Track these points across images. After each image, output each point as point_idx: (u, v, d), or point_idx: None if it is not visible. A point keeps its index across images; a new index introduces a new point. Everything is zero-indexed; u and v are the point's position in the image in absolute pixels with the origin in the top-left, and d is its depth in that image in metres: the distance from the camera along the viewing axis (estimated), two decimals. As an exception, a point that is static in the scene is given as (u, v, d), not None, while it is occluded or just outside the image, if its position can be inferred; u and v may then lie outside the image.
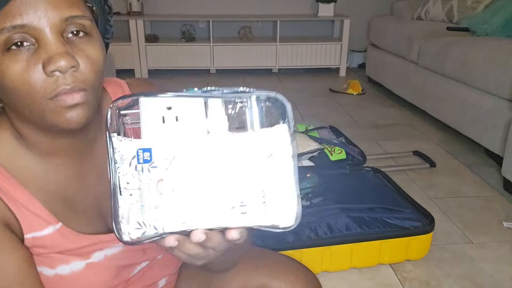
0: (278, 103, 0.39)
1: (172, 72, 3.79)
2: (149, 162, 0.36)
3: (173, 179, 0.36)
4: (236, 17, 3.75)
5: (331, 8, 3.77)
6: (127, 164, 0.37)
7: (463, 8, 2.80)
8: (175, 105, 0.37)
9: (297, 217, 0.38)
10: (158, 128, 0.37)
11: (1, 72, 0.46)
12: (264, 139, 0.37)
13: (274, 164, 0.37)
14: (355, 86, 3.24)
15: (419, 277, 1.28)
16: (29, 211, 0.54)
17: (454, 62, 2.21)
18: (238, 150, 0.37)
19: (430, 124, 2.56)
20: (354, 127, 2.52)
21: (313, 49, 3.75)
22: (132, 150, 0.37)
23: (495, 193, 1.76)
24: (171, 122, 0.37)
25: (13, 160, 0.54)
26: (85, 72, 0.48)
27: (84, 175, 0.59)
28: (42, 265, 0.56)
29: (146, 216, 0.37)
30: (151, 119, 0.37)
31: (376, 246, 1.27)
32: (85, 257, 0.58)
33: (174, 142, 0.36)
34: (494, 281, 1.26)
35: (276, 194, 0.37)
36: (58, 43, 0.46)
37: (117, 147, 0.38)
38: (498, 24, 2.28)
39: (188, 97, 0.37)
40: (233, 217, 0.37)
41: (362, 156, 1.85)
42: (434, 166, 1.99)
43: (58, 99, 0.47)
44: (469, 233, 1.48)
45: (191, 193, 0.36)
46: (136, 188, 0.37)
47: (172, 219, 0.37)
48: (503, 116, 1.85)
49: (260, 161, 0.37)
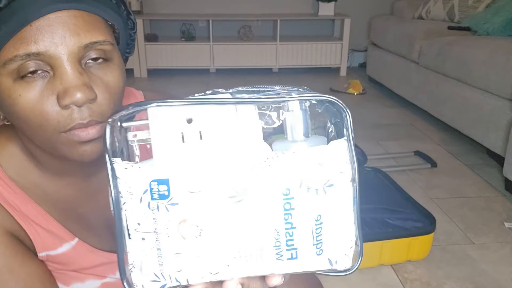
0: (332, 110, 0.30)
1: (172, 72, 3.79)
2: (167, 198, 0.28)
3: (200, 218, 0.28)
4: (236, 16, 3.74)
5: (332, 7, 3.76)
6: (137, 200, 0.28)
7: (464, 8, 2.79)
8: (198, 117, 0.27)
9: (358, 256, 0.30)
10: (176, 150, 0.27)
11: (12, 100, 0.42)
12: (316, 159, 0.28)
13: (329, 193, 0.29)
14: (356, 85, 3.24)
15: (420, 277, 1.27)
16: (42, 228, 0.51)
17: (455, 61, 2.21)
18: (281, 177, 0.28)
19: (431, 124, 2.55)
20: (355, 127, 2.48)
21: (313, 48, 3.74)
22: (143, 182, 0.28)
23: (497, 193, 1.75)
24: (193, 141, 0.27)
25: (24, 175, 0.52)
26: (103, 104, 0.44)
27: (94, 194, 0.57)
28: (57, 281, 0.54)
29: (165, 266, 0.28)
30: (167, 137, 0.27)
31: (377, 246, 1.26)
32: (101, 276, 0.56)
33: (199, 169, 0.27)
34: (495, 282, 1.25)
35: (332, 231, 0.29)
36: (75, 73, 0.42)
37: (122, 177, 0.28)
38: (500, 23, 2.27)
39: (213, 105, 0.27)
40: (278, 264, 0.29)
41: (363, 156, 1.84)
42: (435, 166, 1.98)
43: (72, 134, 0.44)
44: (470, 234, 1.48)
45: (222, 236, 0.28)
46: (150, 230, 0.28)
47: (199, 269, 0.28)
48: (505, 116, 1.84)
49: (311, 189, 0.28)
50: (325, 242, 0.29)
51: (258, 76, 3.75)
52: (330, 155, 0.29)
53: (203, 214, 0.28)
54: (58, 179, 0.53)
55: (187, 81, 3.56)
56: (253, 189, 0.28)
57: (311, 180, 0.28)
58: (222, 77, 3.74)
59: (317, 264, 0.30)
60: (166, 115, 0.28)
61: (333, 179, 0.29)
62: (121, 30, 0.49)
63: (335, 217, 0.29)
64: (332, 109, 0.30)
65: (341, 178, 0.29)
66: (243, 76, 3.75)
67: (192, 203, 0.28)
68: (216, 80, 3.63)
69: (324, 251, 0.29)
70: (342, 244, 0.30)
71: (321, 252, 0.29)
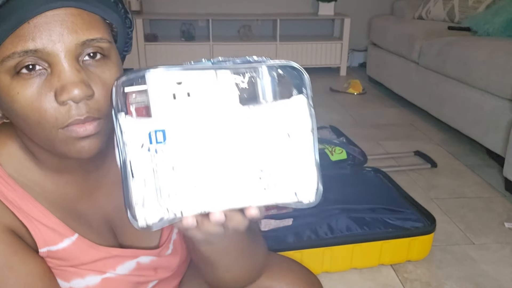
0: (293, 73, 0.37)
1: (172, 71, 3.78)
2: (163, 143, 0.34)
3: (190, 159, 0.34)
4: (236, 16, 3.74)
5: (332, 7, 3.75)
6: (139, 146, 0.35)
7: (464, 8, 2.79)
8: (186, 80, 0.35)
9: (319, 191, 0.36)
10: (170, 106, 0.34)
11: (11, 98, 0.43)
12: (281, 112, 0.35)
13: (292, 138, 0.36)
14: (356, 85, 3.23)
15: (420, 278, 1.27)
16: (43, 225, 0.52)
17: (455, 62, 2.21)
18: (255, 125, 0.35)
19: (431, 124, 2.55)
20: (354, 127, 2.51)
21: (313, 48, 3.74)
22: (143, 131, 0.34)
23: (497, 193, 1.75)
24: (182, 98, 0.34)
25: (23, 173, 0.52)
26: (100, 100, 0.45)
27: (93, 191, 0.58)
28: (57, 277, 0.54)
29: (163, 200, 0.35)
30: (161, 96, 0.34)
31: (377, 246, 1.26)
32: (100, 272, 0.56)
33: (187, 120, 0.34)
34: (495, 282, 1.25)
35: (296, 168, 0.36)
36: (72, 70, 0.42)
37: (126, 128, 0.35)
38: (500, 24, 2.27)
39: (198, 70, 0.35)
40: (254, 196, 0.36)
41: (363, 156, 1.84)
42: (436, 166, 1.98)
43: (70, 130, 0.44)
44: (470, 234, 1.48)
45: (209, 174, 0.35)
46: (150, 171, 0.35)
47: (191, 202, 0.35)
48: (505, 117, 1.84)
49: (278, 135, 0.35)
50: (292, 178, 0.36)
51: (258, 76, 3.75)
52: (292, 107, 0.36)
53: (193, 154, 0.34)
54: (57, 177, 0.54)
55: (187, 81, 3.56)
56: (233, 132, 0.35)
57: (277, 128, 0.35)
58: (222, 76, 3.73)
59: (286, 197, 0.36)
60: (160, 79, 0.35)
61: (295, 127, 0.35)
62: (119, 29, 0.50)
63: (299, 158, 0.36)
64: (294, 74, 0.37)
65: (302, 127, 0.36)
66: (243, 76, 3.74)
67: (183, 145, 0.34)
68: (216, 80, 3.62)
69: (291, 185, 0.36)
70: (305, 180, 0.36)
71: (288, 186, 0.36)
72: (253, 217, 0.38)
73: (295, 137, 0.36)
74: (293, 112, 0.36)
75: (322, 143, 1.83)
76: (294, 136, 0.36)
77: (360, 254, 1.26)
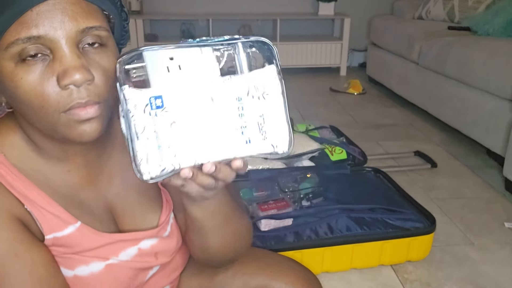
0: (264, 48, 0.45)
1: (172, 71, 3.79)
2: (161, 108, 0.41)
3: (184, 120, 0.41)
4: (236, 16, 3.74)
5: (332, 7, 3.76)
6: (141, 111, 0.41)
7: (464, 8, 2.79)
8: (177, 56, 0.42)
9: (291, 143, 0.44)
10: (165, 77, 0.41)
11: (14, 83, 0.45)
12: (257, 78, 0.43)
13: (267, 100, 0.43)
14: (356, 85, 3.24)
15: (420, 278, 1.27)
16: (48, 212, 0.53)
17: (455, 62, 2.21)
18: (235, 91, 0.42)
19: (431, 125, 2.55)
20: (354, 127, 2.51)
21: (313, 48, 3.74)
22: (144, 99, 0.41)
23: (497, 194, 1.75)
24: (175, 71, 0.42)
25: (27, 163, 0.53)
26: (100, 85, 0.47)
27: (94, 180, 0.59)
28: (61, 266, 0.55)
29: (163, 155, 0.41)
30: (158, 69, 0.41)
31: (377, 246, 1.26)
32: (104, 258, 0.58)
33: (180, 87, 0.41)
34: (495, 283, 1.25)
35: (271, 124, 0.44)
36: (73, 56, 0.45)
37: (130, 97, 0.41)
38: (500, 24, 2.27)
39: (186, 48, 0.42)
40: (238, 148, 0.43)
41: (363, 156, 1.84)
42: (435, 166, 1.98)
43: (71, 113, 0.46)
44: (470, 234, 1.48)
45: (200, 131, 0.42)
46: (151, 131, 0.41)
47: (186, 155, 0.42)
48: (505, 117, 1.84)
49: (255, 97, 0.43)
50: (268, 132, 0.43)
51: (258, 76, 3.75)
52: (265, 75, 0.43)
53: (186, 116, 0.41)
54: (59, 166, 0.55)
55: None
56: (218, 96, 0.42)
57: (254, 91, 0.43)
58: (222, 76, 3.73)
59: (264, 148, 0.44)
60: (156, 55, 0.41)
61: (268, 90, 0.43)
62: (116, 21, 0.53)
63: (273, 115, 0.44)
64: (265, 48, 0.45)
65: (274, 90, 0.44)
66: (243, 76, 3.75)
67: (178, 109, 0.41)
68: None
69: (267, 138, 0.43)
70: (279, 134, 0.44)
71: (266, 139, 0.43)
72: (238, 168, 0.44)
73: (269, 99, 0.43)
74: (266, 79, 0.43)
75: (322, 143, 1.83)
76: (268, 98, 0.43)
77: (360, 254, 1.26)
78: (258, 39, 0.45)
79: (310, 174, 1.51)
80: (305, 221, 1.29)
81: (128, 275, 0.61)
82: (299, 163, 1.73)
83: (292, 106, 2.89)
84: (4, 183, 0.51)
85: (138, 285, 0.64)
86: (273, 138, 0.44)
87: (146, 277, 0.65)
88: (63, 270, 0.55)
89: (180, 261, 0.72)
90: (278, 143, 0.44)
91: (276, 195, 1.38)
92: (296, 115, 2.70)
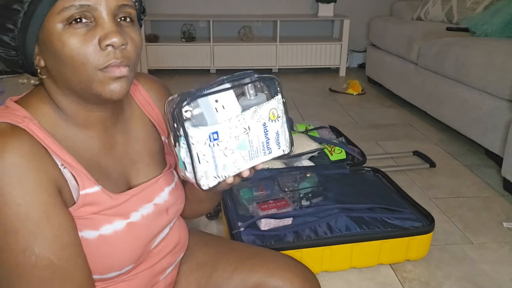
0: (271, 80, 0.60)
1: (172, 72, 3.79)
2: (217, 140, 0.55)
3: (232, 145, 0.57)
4: (236, 17, 3.75)
5: (331, 8, 3.77)
6: (202, 144, 0.55)
7: (462, 9, 2.81)
8: (219, 98, 0.55)
9: (292, 144, 0.63)
10: (216, 116, 0.55)
11: (62, 42, 0.53)
12: (271, 106, 0.59)
13: (279, 121, 0.60)
14: (355, 86, 3.25)
15: (419, 277, 1.28)
16: (79, 171, 0.60)
17: (454, 62, 2.22)
18: (261, 119, 0.59)
19: (430, 125, 2.56)
20: (354, 127, 2.52)
21: (313, 49, 3.75)
22: (205, 135, 0.55)
23: (495, 193, 1.76)
24: (221, 110, 0.55)
25: (57, 129, 0.60)
26: (130, 51, 0.57)
27: (112, 146, 0.66)
28: (85, 229, 0.60)
29: (219, 172, 0.57)
30: (211, 111, 0.55)
31: (376, 246, 1.27)
32: (125, 216, 0.64)
33: (228, 122, 0.56)
34: (494, 282, 1.26)
35: (282, 136, 0.61)
36: (113, 24, 0.55)
37: (193, 135, 0.54)
38: (498, 25, 2.29)
39: (225, 91, 0.56)
40: (263, 157, 0.61)
41: (362, 156, 1.85)
42: (434, 166, 1.99)
43: (108, 70, 0.55)
44: (469, 234, 1.49)
45: (242, 151, 0.58)
46: (210, 157, 0.56)
47: (233, 169, 0.58)
48: (503, 117, 1.85)
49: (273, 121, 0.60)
50: (280, 142, 0.62)
51: (258, 77, 3.75)
52: (276, 102, 0.60)
53: (234, 143, 0.57)
54: (84, 132, 0.62)
55: (188, 81, 3.57)
56: (252, 126, 0.58)
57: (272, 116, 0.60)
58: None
59: (277, 153, 0.62)
60: (207, 101, 0.55)
61: (279, 113, 0.60)
62: (138, 10, 0.62)
63: (282, 130, 0.61)
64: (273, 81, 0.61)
65: (282, 112, 0.61)
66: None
67: (228, 138, 0.56)
68: (216, 81, 3.63)
69: (280, 146, 0.62)
70: (285, 142, 0.62)
71: (280, 147, 0.62)
72: (258, 169, 0.62)
73: (279, 120, 0.61)
74: (277, 105, 0.60)
75: (321, 143, 1.84)
76: (279, 119, 0.60)
77: (359, 253, 1.27)
78: (267, 76, 0.60)
79: (309, 174, 1.51)
80: (304, 220, 1.30)
81: (146, 235, 0.67)
82: (299, 163, 1.73)
83: (292, 107, 2.90)
84: (42, 144, 0.56)
85: (150, 251, 0.70)
86: (283, 145, 0.62)
87: (158, 239, 0.71)
88: (89, 232, 0.60)
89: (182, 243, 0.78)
90: (285, 147, 0.62)
91: (276, 194, 1.39)
92: (295, 115, 2.71)
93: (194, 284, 0.77)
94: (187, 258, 0.80)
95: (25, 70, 0.60)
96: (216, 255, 0.79)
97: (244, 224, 1.27)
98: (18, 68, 0.60)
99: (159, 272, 0.72)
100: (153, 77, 0.78)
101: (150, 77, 0.78)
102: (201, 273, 0.77)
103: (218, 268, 0.76)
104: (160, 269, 0.72)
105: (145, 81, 0.75)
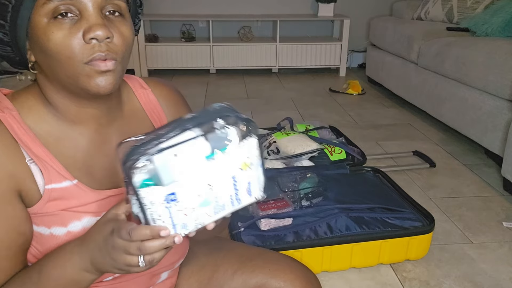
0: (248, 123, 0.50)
1: (172, 72, 3.80)
2: (175, 201, 0.48)
3: (194, 204, 0.49)
4: (236, 17, 3.75)
5: (331, 8, 3.77)
6: (158, 205, 0.47)
7: (463, 9, 2.81)
8: (179, 152, 0.46)
9: (265, 191, 0.53)
10: (174, 174, 0.46)
11: (47, 36, 0.53)
12: (243, 152, 0.50)
13: (252, 169, 0.51)
14: (355, 86, 3.25)
15: (419, 277, 1.28)
16: (49, 165, 0.59)
17: (454, 62, 2.22)
18: (229, 170, 0.49)
19: (430, 125, 2.56)
20: (354, 127, 2.52)
21: (313, 49, 3.75)
22: (161, 196, 0.47)
23: (495, 193, 1.76)
24: (180, 166, 0.46)
25: (39, 124, 0.60)
26: (118, 45, 0.55)
27: (102, 145, 0.65)
28: (54, 225, 0.60)
29: (178, 230, 0.50)
30: (168, 169, 0.46)
31: (376, 246, 1.27)
32: (98, 214, 0.62)
33: (189, 180, 0.47)
34: (493, 281, 1.26)
35: (254, 184, 0.52)
36: (97, 16, 0.53)
37: (146, 196, 0.46)
38: (498, 24, 2.29)
39: (187, 142, 0.46)
40: (231, 208, 0.52)
41: (362, 156, 1.85)
42: (434, 166, 1.99)
43: (93, 64, 0.54)
44: (468, 233, 1.49)
45: (206, 208, 0.50)
46: (167, 217, 0.48)
47: (195, 225, 0.51)
48: (503, 117, 1.85)
49: (243, 170, 0.50)
50: (252, 191, 0.52)
51: (258, 77, 3.76)
52: (247, 150, 0.50)
53: (193, 201, 0.49)
54: (73, 128, 0.62)
55: (188, 82, 3.57)
56: (218, 181, 0.49)
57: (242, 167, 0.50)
58: (222, 77, 3.74)
59: (249, 201, 0.53)
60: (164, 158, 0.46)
61: (252, 159, 0.50)
62: (132, 3, 0.61)
63: (255, 179, 0.52)
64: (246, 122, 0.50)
65: (256, 154, 0.51)
66: (243, 77, 3.76)
67: (187, 197, 0.48)
68: (216, 81, 3.63)
69: (252, 194, 0.52)
70: (258, 189, 0.53)
71: (251, 195, 0.52)
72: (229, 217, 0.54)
73: (253, 167, 0.51)
74: (250, 149, 0.50)
75: (321, 143, 1.84)
76: (253, 167, 0.51)
77: (359, 253, 1.27)
78: (242, 117, 0.50)
79: (309, 174, 1.51)
80: (304, 220, 1.30)
81: None
82: (299, 163, 1.74)
83: (292, 107, 2.90)
84: (14, 135, 0.57)
85: None
86: (255, 193, 0.53)
87: None
88: (57, 228, 0.60)
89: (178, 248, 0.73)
90: (257, 194, 0.53)
91: (275, 194, 1.39)
92: (295, 115, 2.71)
93: (195, 286, 0.77)
94: (187, 260, 0.80)
95: (24, 67, 0.60)
96: (217, 257, 0.79)
97: (244, 224, 1.27)
98: (17, 64, 0.60)
99: (153, 275, 0.70)
100: (165, 81, 0.77)
101: (161, 81, 0.76)
102: (202, 274, 0.77)
103: (219, 269, 0.76)
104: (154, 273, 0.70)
105: (155, 86, 0.73)
